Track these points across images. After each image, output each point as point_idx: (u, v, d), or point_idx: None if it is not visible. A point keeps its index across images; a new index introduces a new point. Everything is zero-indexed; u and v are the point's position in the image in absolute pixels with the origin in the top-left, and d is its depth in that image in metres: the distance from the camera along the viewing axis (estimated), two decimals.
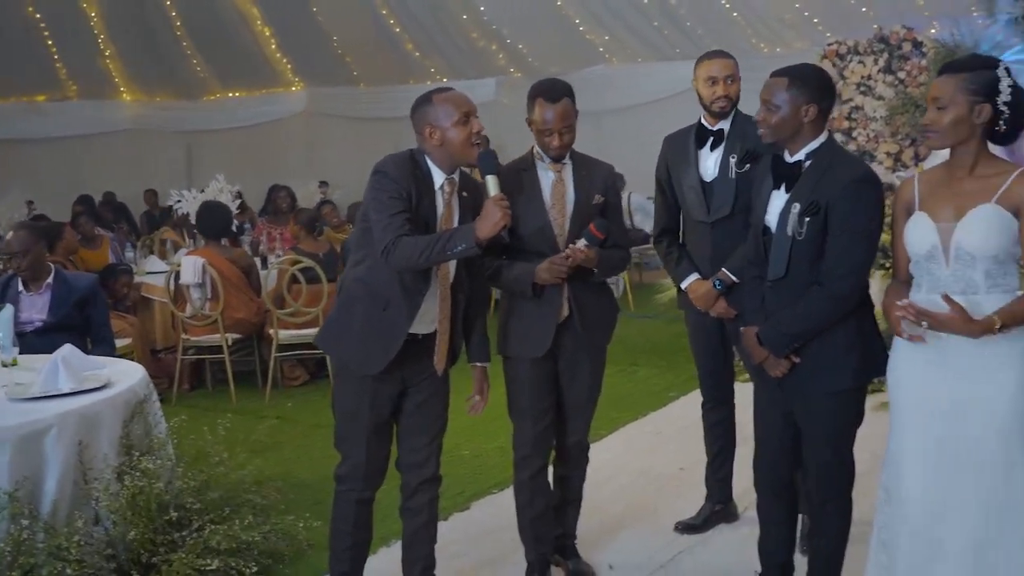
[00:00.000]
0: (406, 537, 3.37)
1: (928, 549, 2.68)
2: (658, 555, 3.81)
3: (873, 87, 8.98)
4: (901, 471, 2.74)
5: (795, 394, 3.00)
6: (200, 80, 13.75)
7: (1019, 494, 2.59)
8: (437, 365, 3.17)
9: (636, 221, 10.83)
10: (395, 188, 2.99)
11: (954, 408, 2.64)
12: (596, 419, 5.39)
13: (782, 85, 2.91)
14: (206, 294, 6.53)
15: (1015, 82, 2.59)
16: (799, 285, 2.91)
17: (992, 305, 2.57)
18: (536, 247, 3.36)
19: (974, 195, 2.61)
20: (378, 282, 3.09)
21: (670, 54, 11.88)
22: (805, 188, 2.90)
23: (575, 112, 3.35)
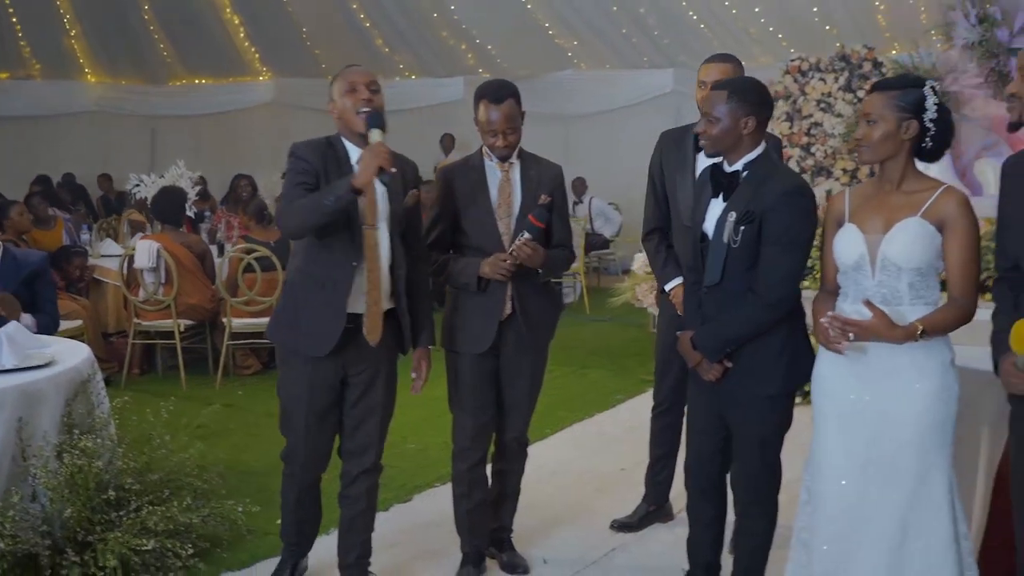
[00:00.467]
0: (343, 524, 3.44)
1: (846, 551, 2.78)
2: (591, 552, 3.88)
3: (833, 104, 9.16)
4: (823, 475, 2.84)
5: (727, 397, 3.08)
6: (166, 65, 13.63)
7: (933, 498, 2.70)
8: (368, 336, 3.18)
9: (596, 226, 10.94)
10: (301, 165, 3.13)
11: (875, 416, 2.73)
12: (543, 418, 5.54)
13: (722, 98, 2.99)
14: (160, 279, 6.52)
15: (941, 101, 2.69)
16: (733, 291, 2.99)
17: (915, 316, 2.67)
18: (481, 244, 3.43)
19: (901, 209, 2.71)
20: (314, 264, 3.20)
21: (638, 62, 12.00)
22: (741, 198, 2.98)
23: (520, 113, 3.41)
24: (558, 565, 3.76)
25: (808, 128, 9.24)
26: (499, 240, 3.42)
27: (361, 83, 3.16)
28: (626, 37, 11.63)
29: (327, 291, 3.17)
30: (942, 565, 2.68)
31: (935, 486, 2.69)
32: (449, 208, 3.51)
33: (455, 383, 3.55)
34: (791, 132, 9.23)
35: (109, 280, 7.23)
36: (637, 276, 6.84)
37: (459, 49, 12.78)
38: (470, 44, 12.62)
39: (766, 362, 3.00)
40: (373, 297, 3.18)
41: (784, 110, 9.28)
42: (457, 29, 12.35)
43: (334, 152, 3.18)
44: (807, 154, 9.18)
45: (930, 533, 2.69)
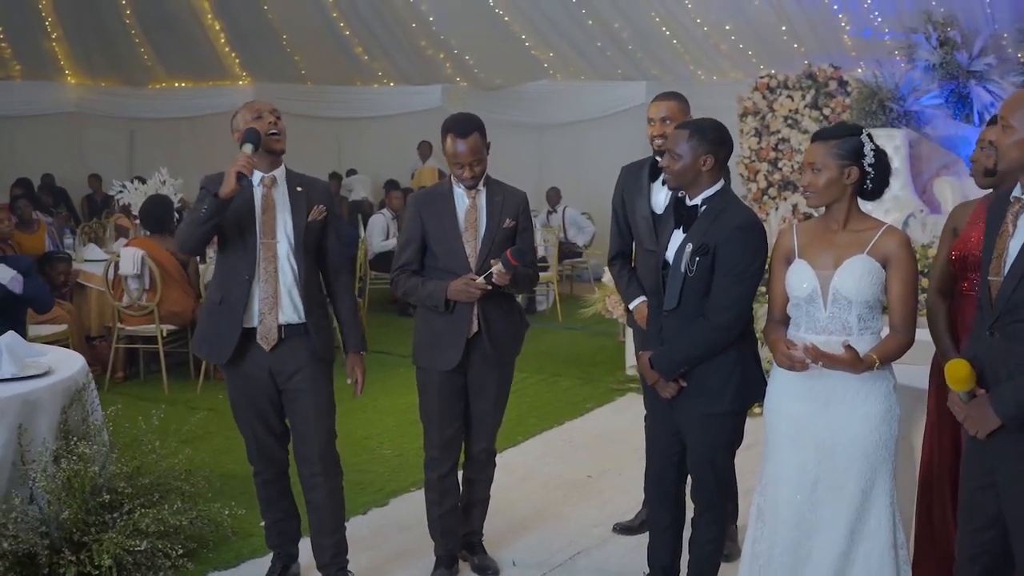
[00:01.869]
0: (312, 528, 3.66)
1: (796, 563, 3.02)
2: (558, 555, 4.12)
3: (800, 120, 9.44)
4: (778, 490, 3.07)
5: (682, 415, 3.33)
6: (146, 68, 13.74)
7: (876, 509, 2.96)
8: (262, 341, 3.44)
9: (570, 235, 11.17)
10: (202, 193, 3.43)
11: (825, 436, 2.98)
12: (515, 425, 5.78)
13: (684, 136, 3.24)
14: (144, 285, 6.69)
15: (877, 146, 2.94)
16: (689, 316, 3.24)
17: (864, 344, 2.92)
18: (448, 266, 3.65)
19: (849, 247, 2.95)
20: (218, 278, 3.55)
21: (612, 75, 12.25)
22: (699, 230, 3.23)
23: (485, 145, 3.65)
24: (526, 567, 4.00)
25: (776, 143, 9.53)
26: (466, 262, 3.64)
27: (266, 110, 3.47)
28: (601, 50, 11.88)
29: (225, 304, 3.46)
30: (880, 570, 2.94)
31: (878, 498, 2.95)
32: (418, 232, 3.73)
33: (424, 397, 3.77)
34: (759, 147, 9.53)
35: (93, 285, 7.37)
36: (607, 288, 7.07)
37: (437, 58, 12.99)
38: (448, 53, 12.83)
39: (718, 382, 3.25)
40: (268, 306, 3.44)
41: (753, 125, 9.58)
42: (435, 39, 12.56)
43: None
44: (774, 168, 9.48)
45: (873, 541, 2.96)
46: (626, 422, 5.91)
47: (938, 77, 9.31)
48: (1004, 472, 2.60)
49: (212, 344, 3.53)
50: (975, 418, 2.59)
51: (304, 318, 3.49)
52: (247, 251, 3.43)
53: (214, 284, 3.56)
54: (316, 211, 3.52)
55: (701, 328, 3.22)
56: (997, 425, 2.54)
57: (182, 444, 4.45)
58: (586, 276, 11.46)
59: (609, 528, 4.37)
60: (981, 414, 2.57)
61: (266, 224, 3.45)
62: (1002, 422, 2.53)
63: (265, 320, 3.44)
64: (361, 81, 13.79)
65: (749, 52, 10.90)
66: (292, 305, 3.47)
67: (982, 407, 2.57)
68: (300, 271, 3.48)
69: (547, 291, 10.43)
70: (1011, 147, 2.54)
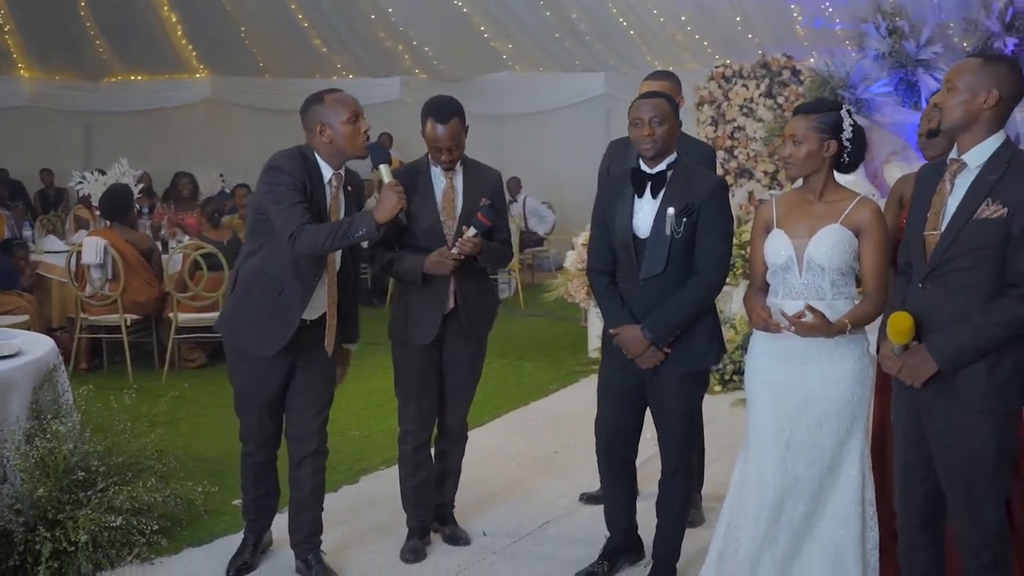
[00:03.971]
0: (292, 505, 3.72)
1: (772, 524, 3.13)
2: (527, 524, 4.24)
3: (754, 109, 9.62)
4: (761, 457, 3.16)
5: (663, 378, 3.42)
6: (102, 61, 13.59)
7: (846, 466, 3.09)
8: (328, 347, 3.53)
9: (531, 224, 11.28)
10: (291, 181, 3.32)
11: (800, 396, 3.10)
12: (482, 405, 5.87)
13: (664, 105, 3.39)
14: (107, 275, 6.68)
15: (855, 121, 3.09)
16: (675, 279, 3.36)
17: (837, 309, 3.05)
18: (427, 244, 3.73)
19: (823, 217, 3.09)
20: (273, 269, 3.42)
21: (570, 65, 12.36)
22: (676, 193, 3.37)
23: (464, 129, 3.73)
24: (497, 536, 4.10)
25: (731, 132, 9.71)
26: (444, 241, 3.73)
27: (362, 115, 3.42)
28: (559, 41, 11.98)
29: (285, 297, 3.41)
30: (848, 523, 3.08)
31: (849, 454, 3.09)
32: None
33: (401, 372, 3.85)
34: (716, 135, 9.70)
35: (54, 276, 7.34)
36: (569, 272, 7.18)
37: (396, 50, 13.00)
38: (407, 45, 12.85)
39: (702, 342, 3.42)
40: (332, 311, 3.49)
41: (709, 114, 9.74)
42: (394, 31, 12.57)
43: (309, 165, 3.41)
44: (730, 156, 9.65)
45: (840, 495, 3.09)
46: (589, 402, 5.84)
47: (887, 66, 9.53)
48: (931, 420, 2.75)
49: (257, 334, 3.45)
50: (911, 367, 2.73)
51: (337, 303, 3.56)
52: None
53: (270, 273, 3.41)
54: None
55: (696, 287, 3.35)
56: (933, 371, 2.69)
57: (152, 426, 4.46)
58: (547, 265, 11.58)
59: (575, 499, 4.49)
60: (917, 362, 2.71)
61: None
62: (939, 367, 2.67)
63: (329, 326, 3.50)
64: (320, 74, 13.74)
65: (705, 42, 11.07)
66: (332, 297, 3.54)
67: (918, 355, 2.71)
68: (348, 271, 3.60)
69: (509, 279, 10.53)
70: (954, 107, 2.69)
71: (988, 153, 2.69)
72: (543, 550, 4.00)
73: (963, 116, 2.69)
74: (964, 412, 2.68)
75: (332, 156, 3.44)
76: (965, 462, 2.69)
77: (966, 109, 2.68)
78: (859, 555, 3.08)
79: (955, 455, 2.71)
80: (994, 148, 2.69)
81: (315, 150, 3.43)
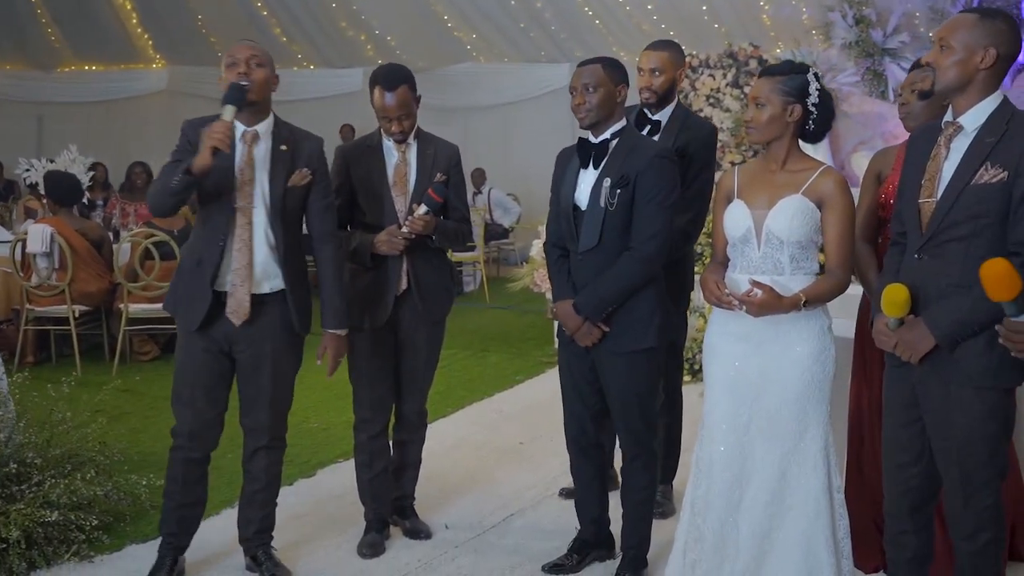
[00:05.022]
0: (243, 497, 3.48)
1: (729, 508, 2.98)
2: (491, 517, 4.05)
3: (721, 100, 9.52)
4: (714, 437, 3.02)
5: (605, 357, 3.28)
6: (54, 51, 13.24)
7: (810, 453, 2.93)
8: (231, 316, 3.20)
9: (496, 216, 11.11)
10: (183, 140, 3.19)
11: (758, 377, 2.95)
12: (444, 397, 5.69)
13: (598, 70, 3.22)
14: (53, 264, 6.41)
15: (823, 86, 2.93)
16: (611, 253, 3.21)
17: (796, 285, 2.89)
18: (377, 222, 3.54)
19: (785, 187, 2.93)
20: (194, 239, 3.31)
21: (535, 56, 12.22)
22: (615, 163, 3.21)
23: (415, 98, 3.53)
24: (459, 529, 3.91)
25: None
26: (395, 218, 3.53)
27: (241, 57, 3.13)
28: (524, 31, 11.83)
29: (201, 268, 3.21)
30: (817, 514, 2.92)
31: (812, 441, 2.93)
32: (346, 186, 3.60)
33: (354, 357, 3.64)
34: None
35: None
36: (536, 262, 7.01)
37: (358, 40, 12.77)
38: (369, 35, 12.63)
39: (641, 319, 3.23)
40: (240, 277, 3.20)
41: None
42: (356, 20, 12.35)
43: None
44: None
45: (807, 485, 2.92)
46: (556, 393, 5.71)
47: (854, 55, 9.49)
48: (927, 397, 2.60)
49: (183, 308, 3.26)
50: (908, 341, 2.57)
51: (283, 287, 3.27)
52: (223, 214, 3.18)
53: (192, 244, 3.30)
54: (298, 175, 3.25)
55: (629, 261, 3.18)
56: (931, 347, 2.53)
57: (96, 414, 4.22)
58: (513, 258, 11.41)
59: (542, 491, 4.33)
60: (914, 336, 2.55)
61: (243, 187, 3.17)
62: (936, 342, 2.52)
63: (237, 292, 3.19)
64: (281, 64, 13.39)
65: (671, 32, 10.94)
66: (268, 276, 3.24)
67: (915, 329, 2.55)
68: (279, 240, 3.23)
69: (474, 272, 10.37)
70: (949, 67, 2.53)
71: (985, 115, 2.53)
72: (508, 543, 3.82)
73: (958, 76, 2.53)
74: (962, 387, 2.52)
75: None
76: (962, 440, 2.53)
77: (961, 69, 2.52)
78: (831, 546, 2.93)
79: (952, 433, 2.55)
80: (991, 109, 2.53)
81: None
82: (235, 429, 3.47)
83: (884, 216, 3.27)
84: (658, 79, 3.73)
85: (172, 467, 3.37)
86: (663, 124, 3.76)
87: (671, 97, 3.78)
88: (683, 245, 3.79)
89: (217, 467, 3.60)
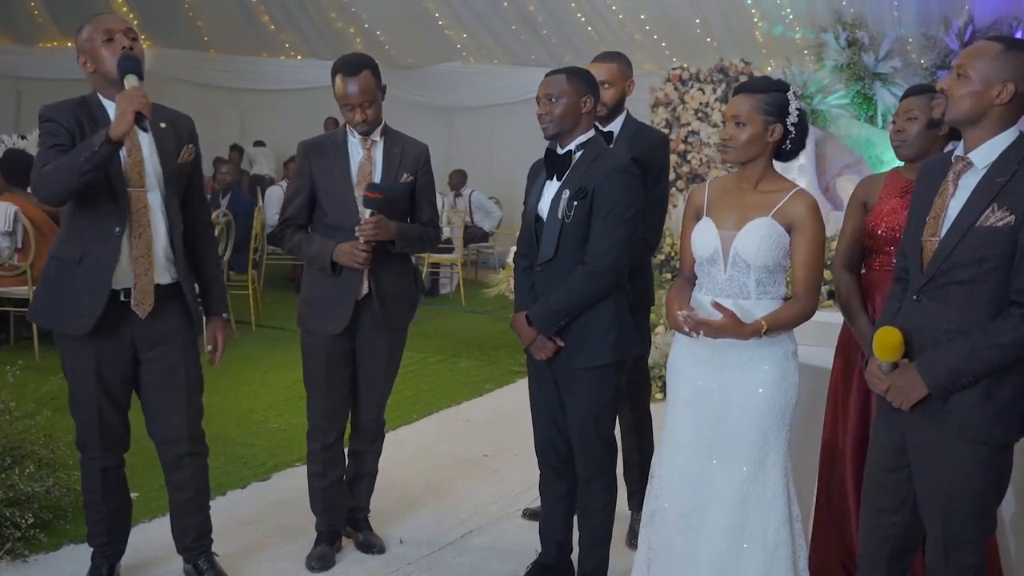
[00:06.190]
0: (173, 509, 3.27)
1: (690, 534, 2.88)
2: (448, 533, 3.91)
3: (710, 114, 9.43)
4: (674, 460, 2.92)
5: (562, 372, 3.17)
6: (36, 25, 13.01)
7: (770, 480, 2.82)
8: (137, 308, 3.00)
9: (476, 219, 10.98)
10: (51, 127, 2.88)
11: (720, 401, 2.84)
12: (411, 403, 5.55)
13: (562, 80, 3.11)
14: (15, 243, 6.23)
15: (801, 105, 2.82)
16: (567, 265, 3.09)
17: (761, 310, 2.78)
18: (340, 223, 3.38)
19: (755, 208, 2.81)
20: (75, 234, 2.97)
21: (525, 59, 12.08)
22: (575, 176, 3.11)
23: (379, 87, 3.37)
24: (414, 545, 3.77)
25: (685, 136, 9.50)
26: (357, 219, 3.36)
27: (118, 31, 2.93)
28: (515, 34, 11.70)
29: (87, 264, 2.93)
30: (777, 544, 2.81)
31: (772, 468, 2.82)
32: (307, 183, 3.44)
33: (309, 362, 3.49)
34: (670, 138, 9.49)
35: None
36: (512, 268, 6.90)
37: (347, 32, 12.60)
38: (359, 28, 12.46)
39: (597, 334, 3.11)
40: (143, 266, 2.98)
41: (664, 116, 9.53)
42: (346, 12, 12.18)
43: (88, 110, 2.94)
44: (683, 161, 9.44)
45: (767, 514, 2.81)
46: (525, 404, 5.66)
47: (845, 77, 9.45)
48: (917, 445, 2.47)
49: (67, 311, 2.95)
50: (900, 387, 2.44)
51: (176, 277, 3.07)
52: (115, 200, 2.92)
53: (68, 239, 2.98)
54: (186, 151, 3.09)
55: (580, 275, 3.08)
56: (923, 395, 2.39)
57: (40, 406, 4.05)
58: (492, 262, 11.29)
59: (504, 507, 4.18)
60: (906, 382, 2.42)
61: (133, 169, 2.95)
62: (929, 391, 2.39)
63: (140, 282, 2.97)
64: (267, 53, 13.31)
65: (663, 44, 10.87)
66: (166, 263, 3.04)
67: (908, 375, 2.42)
68: (173, 223, 3.05)
69: (451, 274, 10.23)
70: (963, 97, 2.38)
71: (997, 152, 2.38)
72: (464, 561, 3.68)
73: (971, 109, 2.38)
74: (954, 439, 2.38)
75: (107, 88, 2.93)
76: (949, 495, 2.40)
77: (975, 101, 2.37)
78: None
79: (939, 486, 2.42)
80: (1004, 146, 2.38)
81: (95, 90, 2.97)
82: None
83: (869, 245, 3.16)
84: (608, 91, 3.63)
85: (88, 479, 3.15)
86: (615, 135, 3.68)
87: (620, 109, 3.72)
88: (643, 254, 3.68)
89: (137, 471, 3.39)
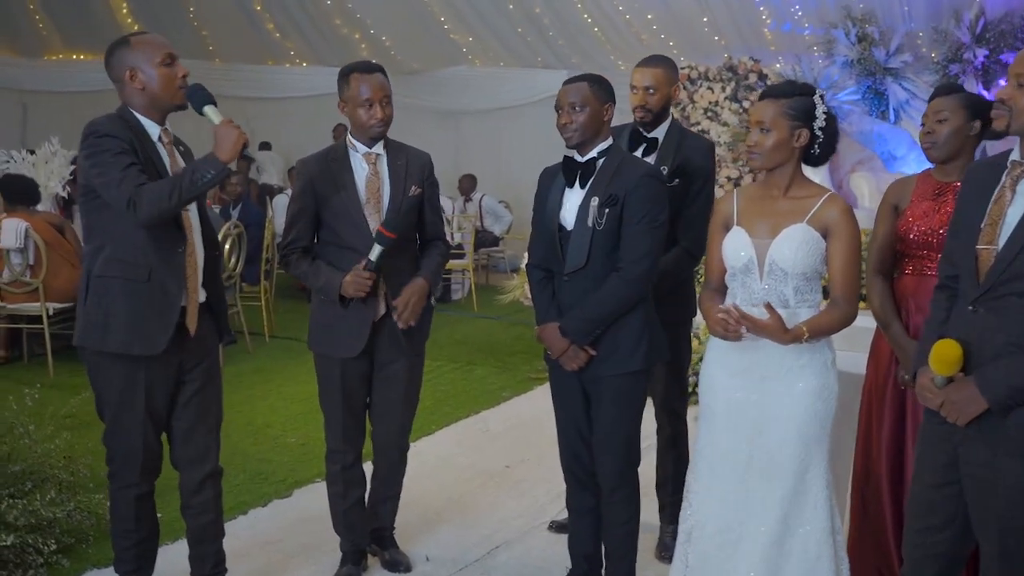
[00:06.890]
0: (192, 534, 3.19)
1: (728, 546, 2.82)
2: (475, 549, 3.85)
3: (719, 113, 9.37)
4: (711, 475, 2.87)
5: (591, 380, 3.12)
6: (41, 38, 12.98)
7: (812, 492, 2.77)
8: (189, 325, 2.96)
9: (487, 224, 10.93)
10: (116, 143, 2.78)
11: (758, 413, 2.79)
12: (429, 414, 5.49)
13: (584, 88, 3.07)
14: (27, 260, 6.19)
15: (828, 109, 2.77)
16: (598, 274, 3.06)
17: (800, 318, 2.73)
18: (351, 243, 3.28)
19: (788, 215, 2.77)
20: (131, 254, 2.87)
21: (532, 62, 12.03)
22: (602, 183, 3.07)
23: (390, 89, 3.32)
24: (440, 563, 3.71)
25: None
26: (370, 237, 3.25)
27: (177, 56, 2.91)
28: (521, 36, 11.64)
29: (156, 279, 2.87)
30: (819, 557, 2.76)
31: (813, 481, 2.77)
32: (310, 205, 3.32)
33: (325, 386, 3.41)
34: None
35: None
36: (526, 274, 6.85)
37: (353, 39, 12.56)
38: (364, 34, 12.42)
39: (629, 342, 3.08)
40: (193, 283, 2.96)
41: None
42: (351, 18, 12.14)
43: (131, 125, 2.87)
44: None
45: (809, 526, 2.77)
46: (544, 411, 5.55)
47: (855, 73, 9.37)
48: (970, 463, 2.39)
49: (140, 331, 2.85)
50: (956, 403, 2.35)
51: (207, 296, 3.04)
52: (177, 220, 2.89)
53: (122, 259, 2.85)
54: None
55: (616, 282, 3.04)
56: (982, 410, 2.31)
57: (63, 429, 4.01)
58: (503, 266, 11.24)
59: (530, 520, 4.13)
60: (963, 398, 2.34)
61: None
62: (988, 406, 2.30)
63: (191, 299, 2.93)
64: (272, 60, 13.28)
65: (671, 43, 10.80)
66: (203, 281, 3.01)
67: (964, 390, 2.34)
68: (207, 239, 3.04)
69: (463, 279, 10.18)
70: None
71: None
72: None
73: None
74: (1012, 456, 2.31)
75: (151, 108, 2.89)
76: (1004, 514, 2.33)
77: None
78: None
79: (994, 503, 2.35)
80: None
81: (131, 106, 2.90)
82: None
83: (901, 249, 3.11)
84: (653, 97, 3.55)
85: (121, 507, 3.05)
86: (660, 142, 3.60)
87: (666, 115, 3.62)
88: (687, 267, 3.62)
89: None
